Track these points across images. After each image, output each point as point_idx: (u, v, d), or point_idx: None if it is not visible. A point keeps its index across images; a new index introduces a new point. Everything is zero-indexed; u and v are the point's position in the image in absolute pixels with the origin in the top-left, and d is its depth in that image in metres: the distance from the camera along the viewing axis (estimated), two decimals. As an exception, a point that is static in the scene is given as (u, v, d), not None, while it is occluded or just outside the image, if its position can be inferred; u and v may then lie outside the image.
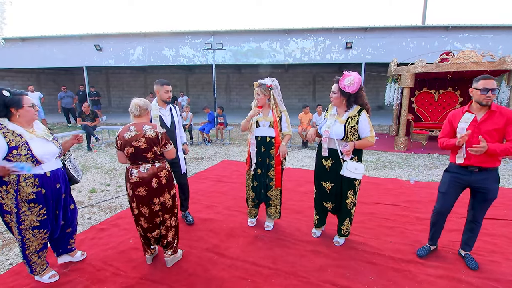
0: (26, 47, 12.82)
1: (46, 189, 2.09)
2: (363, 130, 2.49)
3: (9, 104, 1.97)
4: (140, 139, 2.17)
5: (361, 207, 3.62)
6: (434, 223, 2.56)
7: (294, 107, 16.27)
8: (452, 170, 2.41)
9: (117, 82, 18.88)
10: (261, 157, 2.89)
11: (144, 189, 2.24)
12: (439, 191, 2.50)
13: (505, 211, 3.53)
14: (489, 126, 2.18)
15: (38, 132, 2.11)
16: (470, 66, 6.21)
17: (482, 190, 2.27)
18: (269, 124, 2.84)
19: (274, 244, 2.81)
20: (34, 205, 2.05)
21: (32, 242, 2.11)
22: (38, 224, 2.09)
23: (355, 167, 2.45)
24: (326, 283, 2.24)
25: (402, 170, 5.49)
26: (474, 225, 2.41)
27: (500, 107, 2.20)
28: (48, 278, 2.25)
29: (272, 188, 2.97)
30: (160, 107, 3.01)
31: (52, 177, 2.14)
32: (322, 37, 11.37)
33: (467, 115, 2.28)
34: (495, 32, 10.45)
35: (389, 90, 8.54)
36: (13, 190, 1.98)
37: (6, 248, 2.81)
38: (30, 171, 1.98)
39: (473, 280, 2.26)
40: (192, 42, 12.04)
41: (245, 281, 2.27)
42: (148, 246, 2.46)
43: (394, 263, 2.49)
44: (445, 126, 2.44)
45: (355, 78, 2.38)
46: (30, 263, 2.17)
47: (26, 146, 1.98)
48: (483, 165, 2.21)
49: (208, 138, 8.36)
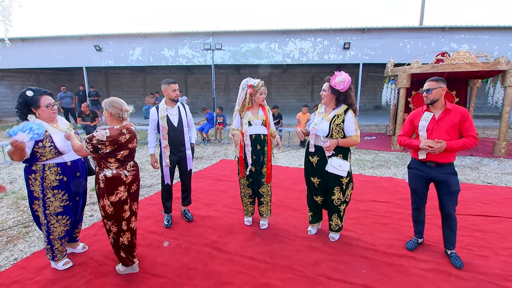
0: (26, 47, 12.87)
1: (67, 177, 2.34)
2: (348, 129, 2.59)
3: (30, 104, 2.21)
4: (133, 140, 2.30)
5: (356, 205, 3.71)
6: (414, 217, 2.75)
7: (292, 107, 16.36)
8: (413, 165, 2.63)
9: (116, 82, 18.93)
10: (256, 155, 2.98)
11: (136, 184, 2.40)
12: (410, 187, 2.69)
13: (496, 208, 3.63)
14: (446, 122, 2.41)
15: (61, 127, 2.37)
16: (465, 66, 6.31)
17: (444, 183, 2.44)
18: (262, 122, 2.95)
19: (271, 240, 2.90)
20: (58, 191, 2.29)
21: (56, 228, 2.32)
22: (61, 210, 2.32)
23: (339, 164, 2.57)
24: (321, 277, 2.33)
25: (398, 169, 5.59)
26: (449, 222, 2.50)
27: (454, 106, 2.43)
28: (63, 265, 2.41)
29: (263, 184, 3.06)
30: (168, 107, 3.06)
31: (72, 166, 2.38)
32: (320, 37, 11.47)
33: (426, 114, 2.50)
34: (491, 33, 10.57)
35: (386, 90, 8.65)
36: (40, 178, 2.23)
37: (11, 244, 2.88)
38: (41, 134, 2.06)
39: (462, 274, 2.35)
40: (191, 42, 12.12)
41: (243, 275, 2.35)
42: (132, 253, 2.38)
43: (387, 258, 2.58)
44: (406, 125, 2.66)
45: (345, 77, 2.52)
46: (53, 248, 2.35)
47: (50, 139, 2.22)
48: (439, 161, 2.43)
49: (207, 138, 8.44)
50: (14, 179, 4.99)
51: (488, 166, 5.71)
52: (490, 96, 7.32)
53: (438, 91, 2.40)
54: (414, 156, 2.60)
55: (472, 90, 8.19)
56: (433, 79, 2.44)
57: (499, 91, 7.07)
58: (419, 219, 2.72)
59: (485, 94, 7.66)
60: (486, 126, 11.14)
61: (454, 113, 2.40)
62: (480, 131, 10.05)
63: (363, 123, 11.96)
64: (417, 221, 2.74)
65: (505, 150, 6.53)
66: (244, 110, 2.93)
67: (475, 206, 3.71)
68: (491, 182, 4.74)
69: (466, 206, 3.68)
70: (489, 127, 10.98)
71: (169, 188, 3.21)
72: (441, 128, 2.41)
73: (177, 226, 3.21)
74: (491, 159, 6.33)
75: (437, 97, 2.41)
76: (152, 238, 2.94)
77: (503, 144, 6.55)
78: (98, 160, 2.20)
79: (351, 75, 2.69)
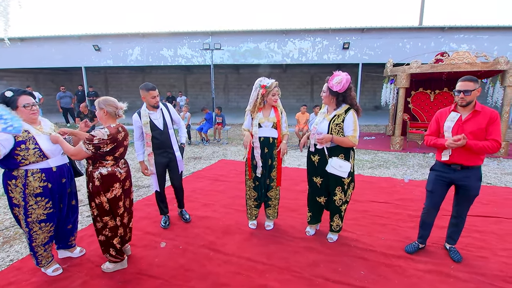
0: (24, 47, 12.85)
1: (52, 184, 2.20)
2: (346, 128, 2.53)
3: (8, 104, 2.06)
4: (127, 138, 2.33)
5: (355, 205, 3.70)
6: (424, 221, 2.63)
7: (292, 107, 16.33)
8: (436, 168, 2.50)
9: (115, 82, 18.90)
10: (263, 158, 2.88)
11: (129, 181, 2.42)
12: (427, 189, 2.58)
13: (496, 208, 3.61)
14: (473, 125, 2.26)
15: (45, 129, 2.24)
16: (464, 66, 6.30)
17: (465, 187, 2.36)
18: (272, 125, 2.85)
19: (269, 241, 2.88)
20: (41, 199, 2.15)
21: (39, 235, 2.21)
22: (44, 218, 2.19)
23: (339, 164, 2.52)
24: (318, 278, 2.31)
25: (397, 169, 5.57)
26: (459, 220, 2.50)
27: (484, 108, 2.27)
28: (52, 271, 2.34)
29: (273, 188, 3.00)
30: (150, 112, 2.93)
31: (58, 172, 2.25)
32: (319, 37, 11.46)
33: (453, 114, 2.36)
34: (490, 33, 10.56)
35: (385, 90, 8.63)
36: (21, 184, 2.07)
37: (7, 245, 2.86)
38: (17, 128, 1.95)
39: (460, 275, 2.34)
40: (190, 42, 12.10)
41: (240, 276, 2.34)
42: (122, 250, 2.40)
43: (385, 259, 2.57)
44: (432, 124, 2.53)
45: (343, 78, 2.48)
46: (36, 255, 2.26)
47: (34, 140, 2.09)
48: (465, 163, 2.30)
49: (206, 138, 8.42)
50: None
51: (488, 166, 5.69)
52: (489, 96, 7.30)
53: (475, 93, 2.22)
54: (438, 158, 2.46)
55: (472, 90, 8.16)
56: (469, 78, 2.22)
57: (499, 91, 7.05)
58: (427, 224, 2.61)
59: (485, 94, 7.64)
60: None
61: (483, 115, 2.24)
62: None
63: (363, 123, 11.95)
64: (424, 225, 2.63)
65: (505, 150, 6.51)
66: (255, 111, 2.84)
67: (474, 206, 3.64)
68: (490, 183, 4.72)
69: (465, 206, 3.66)
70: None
71: (162, 192, 3.16)
72: (467, 130, 2.26)
73: (174, 226, 3.19)
74: (491, 159, 6.31)
75: (473, 98, 2.24)
76: (149, 239, 2.92)
77: (503, 144, 6.53)
78: (94, 159, 2.19)
79: (350, 75, 2.66)
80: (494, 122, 2.20)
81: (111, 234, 2.29)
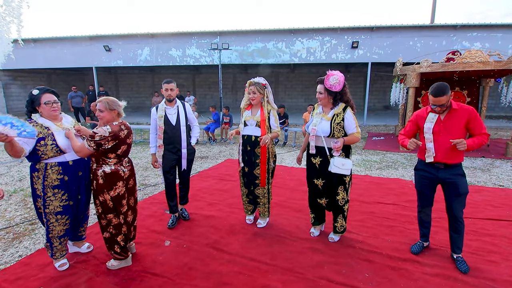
0: (38, 48, 13.18)
1: (68, 176, 2.32)
2: (349, 127, 2.55)
3: (33, 102, 2.25)
4: (130, 136, 2.38)
5: (361, 206, 3.65)
6: (421, 219, 2.67)
7: (300, 107, 16.26)
8: (419, 167, 2.56)
9: (125, 82, 19.20)
10: (247, 155, 3.00)
11: (133, 179, 2.46)
12: (416, 189, 2.63)
13: (508, 212, 3.50)
14: (453, 123, 2.32)
15: (65, 125, 2.36)
16: (476, 65, 6.13)
17: (453, 185, 2.36)
18: (256, 123, 2.91)
19: (273, 241, 2.87)
20: (58, 191, 2.28)
21: (55, 226, 2.32)
22: (60, 210, 2.31)
23: (342, 162, 2.51)
24: (322, 279, 2.28)
25: (405, 170, 5.47)
26: (457, 224, 2.42)
27: (460, 105, 2.34)
28: (59, 266, 2.41)
29: (258, 186, 3.02)
30: (167, 106, 3.07)
31: (74, 165, 2.36)
32: (328, 36, 11.36)
33: (431, 115, 2.41)
34: (505, 31, 10.26)
35: (395, 90, 8.48)
36: (42, 176, 2.24)
37: (16, 241, 2.94)
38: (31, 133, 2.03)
39: (469, 279, 2.27)
40: (198, 42, 12.17)
41: (243, 276, 2.33)
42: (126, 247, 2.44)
43: (391, 261, 2.52)
44: (408, 125, 2.59)
45: (340, 77, 2.47)
46: (52, 246, 2.36)
47: (52, 137, 2.23)
48: (448, 162, 2.35)
49: (213, 137, 8.46)
50: (23, 177, 5.09)
51: (500, 168, 5.53)
52: (503, 96, 7.09)
53: (449, 101, 2.29)
54: (420, 157, 2.52)
55: (485, 89, 7.97)
56: (440, 92, 2.20)
57: (513, 91, 6.84)
58: (425, 222, 2.65)
59: (498, 94, 7.43)
60: (499, 127, 10.83)
61: (460, 112, 2.31)
62: (493, 132, 9.77)
63: (372, 123, 11.79)
64: (423, 224, 2.67)
65: (519, 152, 6.32)
66: (243, 109, 3.01)
67: (486, 209, 3.59)
68: (503, 185, 4.59)
69: (476, 209, 3.57)
70: (502, 128, 10.67)
71: (172, 188, 3.20)
72: (448, 129, 2.33)
73: (179, 225, 3.21)
74: (504, 160, 6.13)
75: (448, 105, 2.31)
76: (154, 237, 2.95)
77: (517, 146, 6.34)
78: (97, 157, 2.24)
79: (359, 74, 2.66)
80: (475, 118, 2.28)
81: (115, 231, 2.34)
